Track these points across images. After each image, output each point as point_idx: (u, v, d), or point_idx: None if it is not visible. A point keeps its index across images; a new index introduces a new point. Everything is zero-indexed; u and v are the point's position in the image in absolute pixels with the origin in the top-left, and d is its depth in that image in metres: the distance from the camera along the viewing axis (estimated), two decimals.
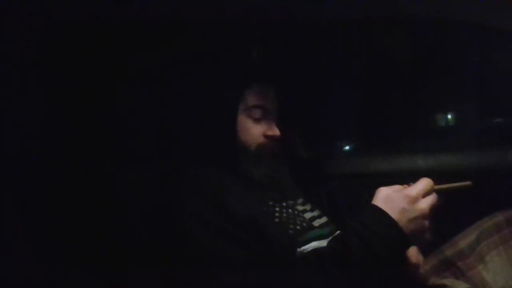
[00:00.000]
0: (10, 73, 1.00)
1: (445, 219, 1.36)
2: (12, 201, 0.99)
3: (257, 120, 1.15)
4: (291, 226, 1.10)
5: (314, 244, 1.07)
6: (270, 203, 1.13)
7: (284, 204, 1.14)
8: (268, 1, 1.14)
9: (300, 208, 1.17)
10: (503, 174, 1.40)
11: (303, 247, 1.06)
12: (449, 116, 1.81)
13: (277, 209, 1.12)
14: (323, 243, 1.07)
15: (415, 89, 1.77)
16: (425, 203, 0.94)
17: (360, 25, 1.60)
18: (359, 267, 0.92)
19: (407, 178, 0.98)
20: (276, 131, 1.16)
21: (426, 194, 0.95)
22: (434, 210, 0.94)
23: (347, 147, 1.77)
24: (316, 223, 1.14)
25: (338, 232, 1.11)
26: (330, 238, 1.07)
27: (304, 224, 1.12)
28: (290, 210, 1.13)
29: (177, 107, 1.20)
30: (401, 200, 0.94)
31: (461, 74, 1.72)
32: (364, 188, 1.18)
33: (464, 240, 1.13)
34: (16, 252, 1.00)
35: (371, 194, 0.97)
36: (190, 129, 1.16)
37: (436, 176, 0.95)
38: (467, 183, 0.96)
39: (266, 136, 1.16)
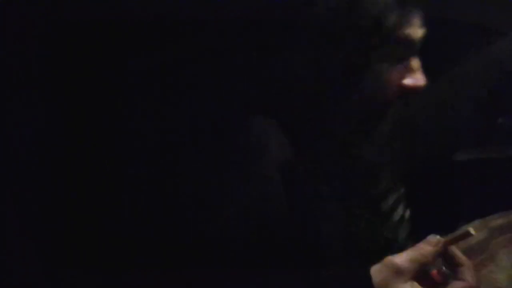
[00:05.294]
0: (9, 73, 1.01)
1: (447, 220, 1.37)
2: (12, 201, 0.99)
3: None
4: None
5: None
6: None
7: None
8: None
9: None
10: (503, 174, 1.40)
11: None
12: None
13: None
14: None
15: None
16: None
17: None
18: None
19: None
20: None
21: None
22: None
23: None
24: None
25: None
26: None
27: None
28: None
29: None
30: None
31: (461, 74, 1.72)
32: None
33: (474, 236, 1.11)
34: (16, 252, 1.00)
35: None
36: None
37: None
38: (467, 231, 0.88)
39: None
